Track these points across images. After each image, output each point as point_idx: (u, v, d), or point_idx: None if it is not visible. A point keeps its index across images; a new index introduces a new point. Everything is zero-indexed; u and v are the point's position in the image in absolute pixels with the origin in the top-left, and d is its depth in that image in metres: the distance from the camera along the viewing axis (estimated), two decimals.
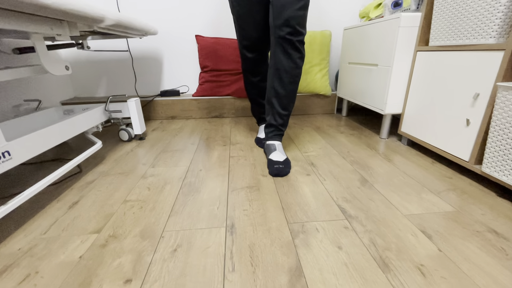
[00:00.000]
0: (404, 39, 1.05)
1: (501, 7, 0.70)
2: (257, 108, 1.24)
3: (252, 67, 1.10)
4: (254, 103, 1.22)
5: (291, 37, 0.87)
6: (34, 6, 0.58)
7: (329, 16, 1.69)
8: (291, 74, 0.93)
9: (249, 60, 1.08)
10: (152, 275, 0.50)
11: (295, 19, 0.85)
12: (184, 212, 0.70)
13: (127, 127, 1.26)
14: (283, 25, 0.86)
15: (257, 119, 1.29)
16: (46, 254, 0.56)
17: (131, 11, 1.59)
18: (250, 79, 1.14)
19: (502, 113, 0.70)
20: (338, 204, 0.72)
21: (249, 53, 1.07)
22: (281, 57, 0.91)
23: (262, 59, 1.10)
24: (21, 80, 1.30)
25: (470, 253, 0.54)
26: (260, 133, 1.22)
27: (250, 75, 1.13)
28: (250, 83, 1.16)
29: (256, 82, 1.14)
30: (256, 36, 1.02)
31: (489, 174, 0.75)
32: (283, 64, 0.91)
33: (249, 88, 1.18)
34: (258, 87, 1.16)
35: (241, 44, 1.06)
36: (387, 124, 1.22)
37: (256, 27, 1.00)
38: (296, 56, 0.91)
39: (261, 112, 1.25)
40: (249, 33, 1.01)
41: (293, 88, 0.95)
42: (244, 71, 1.14)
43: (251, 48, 1.05)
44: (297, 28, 0.86)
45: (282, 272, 0.50)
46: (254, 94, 1.18)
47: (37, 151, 0.74)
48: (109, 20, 0.85)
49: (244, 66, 1.12)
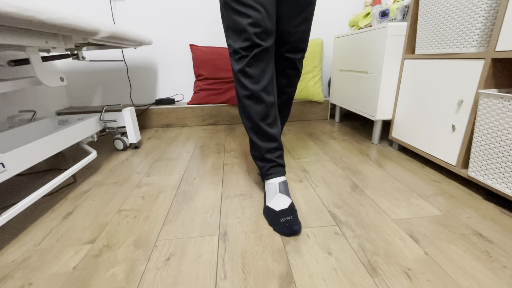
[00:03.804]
0: (391, 48, 1.09)
1: (480, 18, 0.73)
2: (262, 142, 0.76)
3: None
4: (256, 133, 0.76)
5: (289, 55, 0.78)
6: (29, 22, 0.60)
7: (320, 24, 1.73)
8: (286, 92, 0.88)
9: (265, 52, 0.67)
10: (145, 284, 0.51)
11: (296, 35, 0.74)
12: (177, 220, 0.70)
13: (122, 136, 1.27)
14: (281, 42, 0.76)
15: (262, 170, 0.79)
16: (39, 265, 0.56)
17: (126, 22, 1.62)
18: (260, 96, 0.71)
19: (484, 119, 0.72)
20: (329, 210, 0.73)
21: (264, 40, 0.66)
22: (277, 75, 0.84)
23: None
24: (16, 91, 1.31)
25: (456, 256, 0.55)
26: (272, 200, 0.72)
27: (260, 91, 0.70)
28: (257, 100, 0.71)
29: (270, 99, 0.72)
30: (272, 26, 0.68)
31: (474, 178, 0.77)
32: (278, 82, 0.85)
33: (252, 110, 0.73)
34: (269, 107, 0.73)
35: (247, 32, 0.65)
36: (378, 130, 1.25)
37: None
38: (294, 74, 0.84)
39: (269, 150, 0.76)
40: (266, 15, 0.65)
41: (287, 104, 0.91)
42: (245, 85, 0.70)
43: (266, 34, 0.66)
44: (297, 45, 0.76)
45: (273, 278, 0.51)
46: (259, 119, 0.73)
47: (31, 162, 0.75)
48: (104, 33, 0.88)
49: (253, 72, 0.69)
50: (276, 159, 0.77)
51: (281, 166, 0.78)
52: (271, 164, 0.78)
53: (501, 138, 0.68)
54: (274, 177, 0.77)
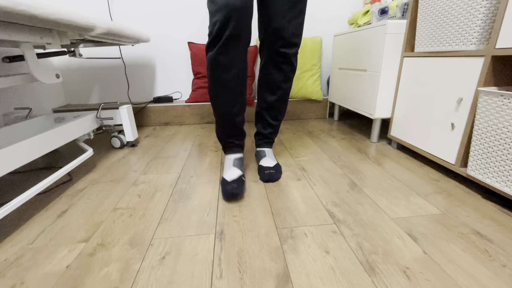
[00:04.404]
0: (391, 46, 1.08)
1: (480, 15, 0.73)
2: (227, 126, 0.85)
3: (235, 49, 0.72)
4: (222, 117, 0.84)
5: (284, 50, 0.80)
6: (22, 16, 0.59)
7: (319, 22, 1.72)
8: (282, 88, 0.89)
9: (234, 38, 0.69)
10: (139, 283, 0.50)
11: (290, 29, 0.76)
12: (173, 219, 0.70)
13: (119, 134, 1.26)
14: (275, 37, 0.78)
15: (223, 144, 0.91)
16: (32, 264, 0.55)
17: (123, 19, 1.60)
18: (221, 76, 0.76)
19: (484, 117, 0.72)
20: (327, 208, 0.73)
21: (233, 29, 0.67)
22: (272, 70, 0.86)
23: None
24: (11, 88, 1.29)
25: (454, 255, 0.55)
26: (228, 171, 0.83)
27: (222, 68, 0.74)
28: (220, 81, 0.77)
29: (228, 80, 0.77)
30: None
31: (473, 177, 0.77)
32: (273, 78, 0.87)
33: (217, 90, 0.78)
34: (230, 88, 0.78)
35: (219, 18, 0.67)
36: (377, 128, 1.24)
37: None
38: (288, 69, 0.86)
39: (231, 135, 0.87)
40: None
41: (283, 99, 0.92)
42: (212, 62, 0.73)
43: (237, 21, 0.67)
44: (292, 40, 0.78)
45: (270, 277, 0.50)
46: (226, 100, 0.80)
47: (26, 159, 0.73)
48: (100, 29, 0.86)
49: (217, 50, 0.71)
50: (236, 141, 0.90)
51: (239, 147, 0.91)
52: (231, 145, 0.90)
53: (501, 136, 0.67)
54: (231, 154, 0.91)
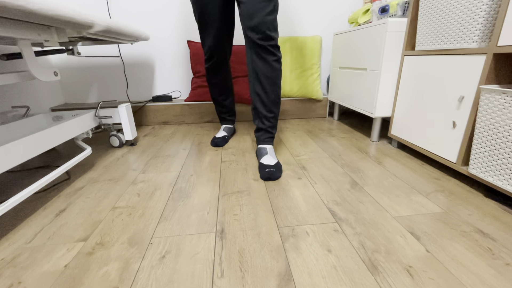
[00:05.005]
0: (391, 44, 1.07)
1: (482, 12, 0.72)
2: (220, 106, 1.32)
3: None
4: (215, 102, 1.30)
5: (263, 42, 0.89)
6: (19, 12, 0.58)
7: (319, 21, 1.72)
8: (270, 77, 0.94)
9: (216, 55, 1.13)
10: (139, 282, 0.49)
11: (265, 24, 0.86)
12: (173, 218, 0.69)
13: (117, 133, 1.24)
14: (254, 31, 0.88)
15: (219, 118, 1.40)
16: (30, 263, 0.54)
17: (122, 17, 1.59)
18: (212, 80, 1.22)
19: (485, 115, 0.71)
20: (329, 207, 0.72)
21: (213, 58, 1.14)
22: (257, 61, 0.93)
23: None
24: (9, 86, 1.28)
25: (457, 253, 0.54)
26: (219, 132, 1.33)
27: (212, 75, 1.20)
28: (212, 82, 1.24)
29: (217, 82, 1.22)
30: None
31: (475, 175, 0.76)
32: (260, 68, 0.93)
33: (210, 87, 1.26)
34: (218, 86, 1.24)
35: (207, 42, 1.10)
36: (378, 127, 1.24)
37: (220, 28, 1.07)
38: (271, 59, 0.92)
39: (222, 112, 1.35)
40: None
41: (274, 90, 0.97)
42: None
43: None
44: (267, 34, 0.88)
45: (271, 276, 0.50)
46: (216, 93, 1.26)
47: (23, 158, 0.72)
48: (99, 26, 0.85)
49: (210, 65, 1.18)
50: (228, 117, 1.36)
51: (229, 121, 1.37)
52: (223, 119, 1.37)
53: (503, 134, 0.67)
54: (223, 124, 1.38)
